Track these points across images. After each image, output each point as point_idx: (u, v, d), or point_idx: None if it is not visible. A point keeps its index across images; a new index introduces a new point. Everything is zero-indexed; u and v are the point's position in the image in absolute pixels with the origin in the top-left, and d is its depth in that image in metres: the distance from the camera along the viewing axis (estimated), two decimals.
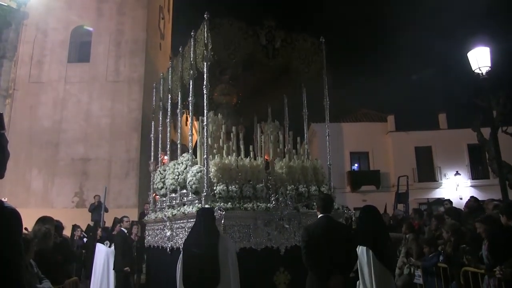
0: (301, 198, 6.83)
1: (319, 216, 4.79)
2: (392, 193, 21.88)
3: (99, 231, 10.65)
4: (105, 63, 17.89)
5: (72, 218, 12.80)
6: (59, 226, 6.80)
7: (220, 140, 6.86)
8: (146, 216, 9.06)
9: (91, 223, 12.97)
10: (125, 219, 8.93)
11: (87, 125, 17.22)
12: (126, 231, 8.79)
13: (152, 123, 9.79)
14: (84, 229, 12.26)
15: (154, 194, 9.04)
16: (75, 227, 11.56)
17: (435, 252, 6.84)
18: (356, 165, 27.20)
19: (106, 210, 12.67)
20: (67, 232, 11.03)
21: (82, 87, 17.68)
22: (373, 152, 26.45)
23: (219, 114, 7.37)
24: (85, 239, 11.64)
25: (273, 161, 7.02)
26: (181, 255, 4.76)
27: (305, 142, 8.03)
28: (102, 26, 18.39)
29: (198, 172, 6.35)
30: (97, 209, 13.19)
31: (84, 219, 13.23)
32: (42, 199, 16.36)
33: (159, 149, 9.14)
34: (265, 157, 7.15)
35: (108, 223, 11.80)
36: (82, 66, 18.07)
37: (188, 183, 6.42)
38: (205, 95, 6.45)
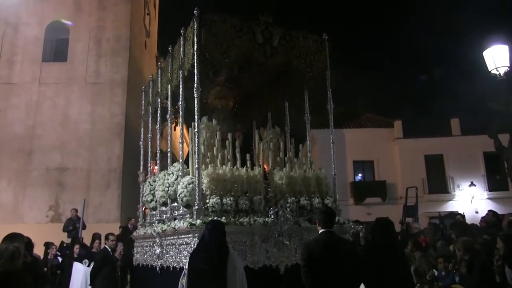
0: (303, 211, 6.85)
1: (320, 232, 4.78)
2: (400, 206, 21.91)
3: (76, 248, 10.56)
4: (84, 63, 17.83)
5: (46, 234, 12.66)
6: (29, 244, 6.70)
7: (214, 148, 6.88)
8: (135, 231, 9.08)
9: (66, 240, 12.79)
10: (110, 237, 8.89)
11: (64, 131, 17.12)
12: (110, 250, 8.74)
13: (141, 130, 9.83)
14: (57, 246, 12.10)
15: (143, 208, 9.03)
16: (48, 245, 11.42)
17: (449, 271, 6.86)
18: (360, 175, 27.24)
19: (84, 227, 12.51)
20: (39, 250, 10.93)
21: (58, 89, 17.59)
22: (379, 161, 26.51)
23: (213, 120, 7.40)
24: (59, 258, 11.51)
25: (273, 171, 7.04)
26: (185, 270, 4.77)
27: (308, 150, 8.07)
28: (81, 22, 18.34)
29: (189, 184, 6.37)
30: (72, 231, 12.96)
31: (60, 235, 13.09)
32: (11, 214, 16.17)
33: (149, 158, 9.15)
34: (264, 166, 7.17)
35: (87, 240, 11.71)
36: (59, 66, 17.99)
37: (179, 195, 6.43)
38: (195, 98, 6.49)
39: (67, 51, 18.10)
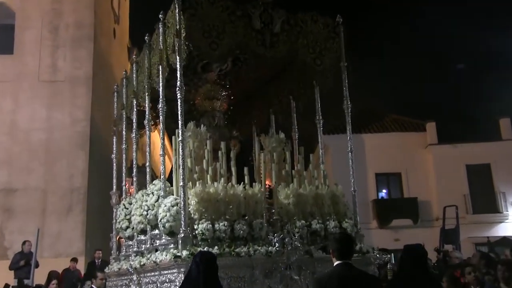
0: (315, 238, 6.95)
1: (335, 264, 4.83)
2: (436, 230, 21.88)
3: None
4: (36, 56, 17.84)
5: None
6: None
7: (204, 161, 6.97)
8: (107, 267, 9.13)
9: (13, 282, 12.71)
10: (99, 274, 9.00)
11: (11, 142, 17.09)
12: None
13: (113, 139, 9.89)
14: None
15: (117, 237, 9.09)
16: None
17: None
18: (384, 191, 27.27)
19: (37, 265, 12.46)
20: None
21: (3, 88, 17.53)
22: (408, 173, 26.52)
23: (202, 126, 7.51)
24: None
25: (277, 187, 7.12)
26: None
27: (321, 161, 8.16)
28: (30, 4, 18.29)
29: (173, 206, 6.45)
30: (24, 268, 12.82)
31: (5, 276, 13.02)
32: None
33: (123, 174, 9.22)
34: (266, 182, 7.24)
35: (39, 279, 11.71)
36: (2, 59, 17.94)
37: (160, 220, 6.50)
38: (179, 100, 6.59)
39: (13, 41, 18.08)
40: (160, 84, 7.11)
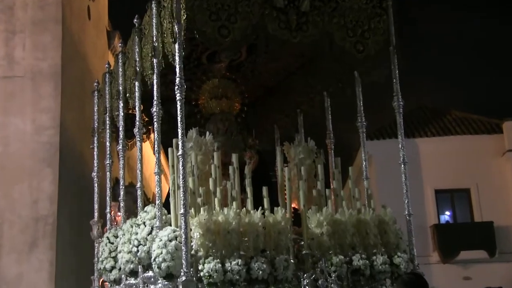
0: (358, 278, 6.99)
1: None
2: None
3: None
4: None
5: None
6: None
7: (211, 180, 7.02)
8: None
9: None
10: None
11: None
12: None
13: (94, 152, 9.99)
14: None
15: (100, 280, 9.16)
16: None
17: None
18: (447, 213, 27.15)
19: None
20: None
21: None
22: (479, 189, 26.34)
23: (207, 133, 7.60)
24: None
25: (306, 212, 7.15)
26: None
27: (364, 177, 8.18)
28: None
29: (170, 240, 6.51)
30: None
31: None
32: None
33: (107, 197, 9.25)
34: (292, 205, 7.29)
35: None
36: None
37: (154, 259, 6.56)
38: (178, 101, 6.64)
39: None
40: (154, 81, 7.17)
